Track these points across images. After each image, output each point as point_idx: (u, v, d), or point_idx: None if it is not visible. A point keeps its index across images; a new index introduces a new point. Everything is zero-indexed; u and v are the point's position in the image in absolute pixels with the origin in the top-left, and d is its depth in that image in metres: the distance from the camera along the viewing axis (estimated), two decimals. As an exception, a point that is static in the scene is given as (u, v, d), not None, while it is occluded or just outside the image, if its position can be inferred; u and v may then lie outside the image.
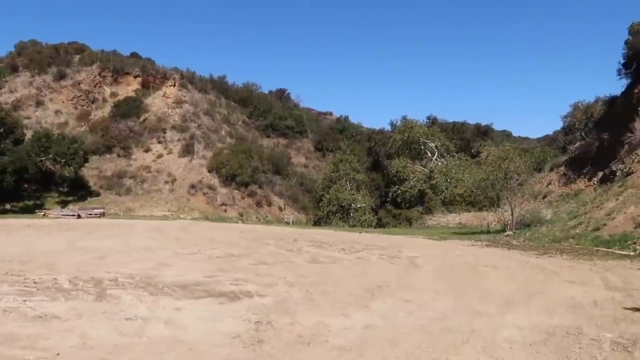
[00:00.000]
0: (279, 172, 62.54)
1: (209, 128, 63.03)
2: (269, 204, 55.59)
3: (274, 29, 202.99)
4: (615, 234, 18.29)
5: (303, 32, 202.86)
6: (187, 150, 55.89)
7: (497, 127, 80.00)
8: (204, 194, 50.66)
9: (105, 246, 16.93)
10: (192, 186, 50.87)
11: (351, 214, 44.99)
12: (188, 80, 68.70)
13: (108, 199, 47.84)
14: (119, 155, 55.71)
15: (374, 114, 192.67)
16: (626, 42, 30.52)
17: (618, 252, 16.45)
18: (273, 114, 76.32)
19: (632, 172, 22.86)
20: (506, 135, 78.73)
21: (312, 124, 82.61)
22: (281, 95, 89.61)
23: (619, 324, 7.19)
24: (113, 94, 64.56)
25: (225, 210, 49.38)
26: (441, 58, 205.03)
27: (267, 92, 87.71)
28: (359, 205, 45.22)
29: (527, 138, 78.59)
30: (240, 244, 19.31)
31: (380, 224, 43.96)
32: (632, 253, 15.96)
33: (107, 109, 61.46)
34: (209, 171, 53.63)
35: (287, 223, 44.27)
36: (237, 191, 53.37)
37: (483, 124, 71.08)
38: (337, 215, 44.55)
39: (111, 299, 8.33)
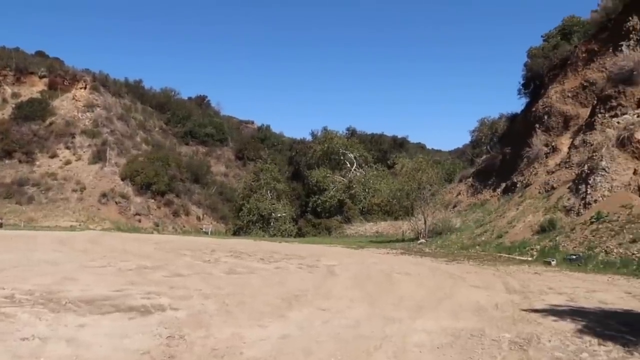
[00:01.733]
0: (197, 181, 60.92)
1: (123, 134, 60.04)
2: (187, 214, 53.93)
3: (195, 33, 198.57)
4: (516, 241, 19.75)
5: (225, 38, 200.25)
6: (99, 157, 52.78)
7: (413, 139, 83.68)
8: (117, 203, 48.09)
9: (1, 260, 15.48)
10: (104, 195, 48.10)
11: (271, 224, 44.88)
12: (101, 82, 65.01)
13: (7, 209, 43.96)
14: (20, 161, 51.38)
15: (295, 124, 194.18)
16: (525, 65, 33.33)
17: (518, 257, 17.77)
18: (192, 121, 74.29)
19: (530, 184, 24.85)
20: (421, 147, 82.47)
21: (233, 132, 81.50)
22: (201, 102, 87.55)
23: (516, 324, 7.74)
24: (15, 95, 59.55)
25: (140, 221, 47.20)
26: (361, 71, 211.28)
27: (186, 98, 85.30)
28: (279, 215, 45.24)
29: (439, 151, 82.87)
30: (154, 255, 18.52)
31: (300, 234, 44.20)
32: (529, 258, 17.31)
33: (7, 111, 56.54)
34: (122, 179, 51.02)
35: (206, 233, 43.20)
36: (153, 200, 51.23)
37: (399, 136, 74.17)
38: (257, 224, 44.25)
39: (5, 317, 7.62)
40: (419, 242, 25.93)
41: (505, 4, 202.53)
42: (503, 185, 28.50)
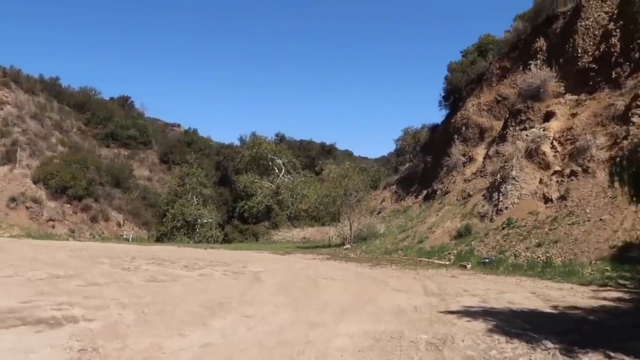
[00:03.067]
0: (118, 185, 58.01)
1: (37, 134, 55.97)
2: (106, 220, 51.16)
3: (117, 31, 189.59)
4: (435, 246, 20.67)
5: (151, 36, 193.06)
6: (8, 158, 48.81)
7: (341, 146, 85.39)
8: (27, 208, 44.66)
9: None
10: (12, 199, 44.47)
11: (197, 230, 43.83)
12: (12, 78, 60.24)
13: None
14: None
15: (223, 128, 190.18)
16: (446, 78, 35.16)
17: (437, 261, 18.62)
18: (114, 122, 70.76)
19: (449, 192, 26.17)
20: (348, 154, 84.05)
21: (157, 135, 78.62)
22: (124, 102, 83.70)
23: (433, 326, 8.12)
24: None
25: (53, 227, 44.14)
26: (291, 77, 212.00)
27: (107, 98, 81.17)
28: (205, 221, 44.30)
29: (366, 158, 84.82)
30: (68, 263, 17.42)
31: (227, 240, 43.50)
32: (447, 262, 18.20)
33: None
34: (35, 182, 47.51)
35: (127, 240, 41.33)
36: (69, 205, 48.12)
37: (328, 143, 75.19)
38: (181, 230, 43.07)
39: None
40: (344, 247, 26.41)
41: (429, 21, 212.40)
42: (424, 192, 29.75)
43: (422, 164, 32.85)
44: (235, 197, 50.96)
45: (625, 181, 7.95)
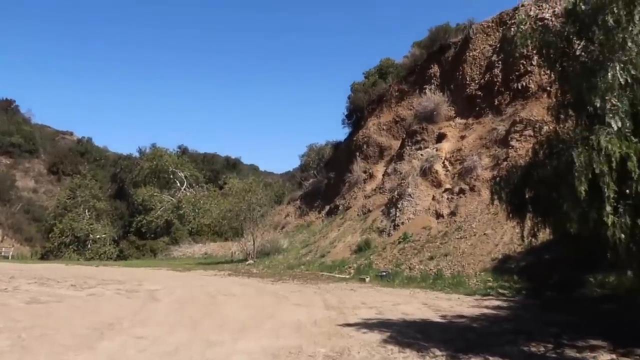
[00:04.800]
0: (-2, 197, 52.62)
1: None
2: (-19, 235, 46.05)
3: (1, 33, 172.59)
4: (337, 260, 21.14)
5: (41, 41, 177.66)
6: None
7: (246, 161, 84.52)
8: None
9: None
10: None
11: (88, 246, 41.02)
12: None
13: None
14: None
15: (122, 138, 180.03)
16: (349, 98, 36.43)
17: (338, 275, 19.04)
18: (-7, 127, 64.34)
19: (350, 207, 27.00)
20: (253, 169, 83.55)
21: (46, 143, 72.70)
22: (7, 107, 76.43)
23: (331, 339, 8.27)
24: None
25: None
26: (194, 89, 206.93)
27: (-14, 101, 73.65)
28: (98, 236, 41.57)
29: (272, 173, 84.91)
30: None
31: (122, 256, 41.04)
32: (347, 276, 18.68)
33: None
34: None
35: (6, 257, 37.43)
36: None
37: (233, 156, 74.30)
38: (71, 247, 40.07)
39: None
40: (247, 262, 26.10)
41: (334, 41, 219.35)
42: (327, 207, 30.39)
43: (325, 180, 33.56)
44: (132, 211, 48.36)
45: (503, 199, 8.74)
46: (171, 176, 49.78)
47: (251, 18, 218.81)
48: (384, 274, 17.42)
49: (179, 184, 49.31)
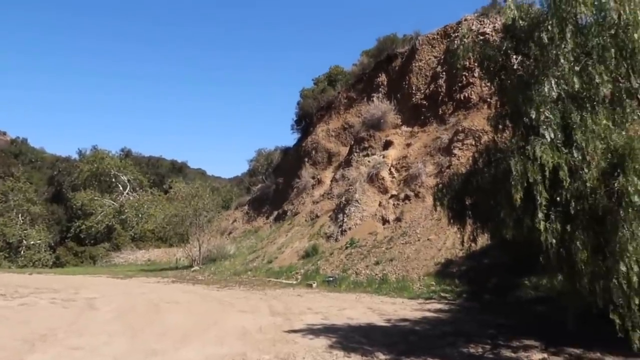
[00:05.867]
0: None
1: None
2: None
3: None
4: (284, 266, 21.06)
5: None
6: None
7: (193, 165, 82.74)
8: None
9: None
10: None
11: (21, 252, 38.80)
12: None
13: None
14: None
15: (61, 139, 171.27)
16: (298, 103, 36.52)
17: (285, 281, 18.96)
18: None
19: (299, 213, 27.00)
20: (201, 173, 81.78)
21: (-25, 144, 68.13)
22: None
23: (276, 345, 8.22)
24: None
25: None
26: (139, 91, 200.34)
27: None
28: (32, 242, 39.41)
29: (220, 177, 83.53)
30: None
31: (58, 264, 39.04)
32: (295, 282, 18.65)
33: None
34: None
35: None
36: None
37: (179, 160, 72.52)
38: (1, 254, 37.63)
39: None
40: (193, 269, 25.51)
41: (284, 47, 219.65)
42: (275, 213, 30.24)
43: (273, 185, 33.39)
44: (70, 215, 46.15)
45: (445, 205, 9.03)
46: (113, 180, 47.95)
47: (202, 16, 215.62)
48: (331, 279, 17.51)
49: (121, 188, 47.55)
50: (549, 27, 6.93)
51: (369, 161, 24.04)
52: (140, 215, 42.58)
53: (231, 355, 7.52)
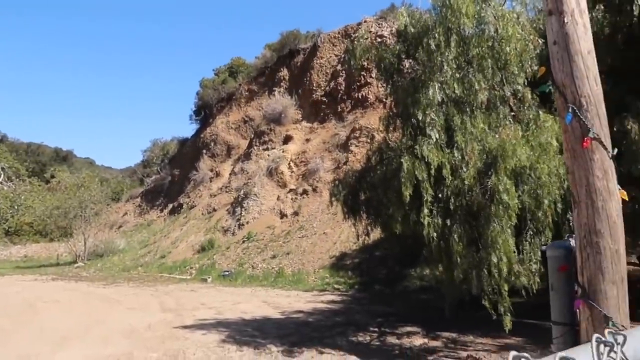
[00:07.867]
0: None
1: None
2: None
3: None
4: (178, 261, 20.39)
5: None
6: None
7: (80, 154, 76.82)
8: None
9: None
10: None
11: None
12: None
13: None
14: None
15: None
16: (197, 93, 35.42)
17: (178, 276, 18.37)
18: None
19: (195, 206, 26.26)
20: (89, 162, 76.14)
21: None
22: None
23: (165, 342, 7.94)
24: None
25: None
26: (21, 70, 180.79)
27: None
28: None
29: (110, 168, 78.40)
30: None
31: None
32: (189, 277, 18.15)
33: None
34: None
35: None
36: None
37: (64, 148, 66.93)
38: None
39: None
40: (76, 265, 23.77)
41: (187, 35, 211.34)
42: (170, 206, 29.12)
43: (169, 177, 32.10)
44: None
45: (340, 200, 9.31)
46: (-17, 167, 43.03)
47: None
48: (227, 273, 17.29)
49: (-6, 177, 42.81)
50: (436, 35, 7.41)
51: (268, 155, 24.04)
52: (16, 207, 38.59)
53: (116, 355, 7.13)
